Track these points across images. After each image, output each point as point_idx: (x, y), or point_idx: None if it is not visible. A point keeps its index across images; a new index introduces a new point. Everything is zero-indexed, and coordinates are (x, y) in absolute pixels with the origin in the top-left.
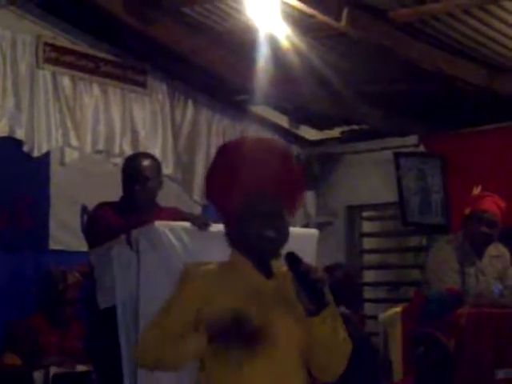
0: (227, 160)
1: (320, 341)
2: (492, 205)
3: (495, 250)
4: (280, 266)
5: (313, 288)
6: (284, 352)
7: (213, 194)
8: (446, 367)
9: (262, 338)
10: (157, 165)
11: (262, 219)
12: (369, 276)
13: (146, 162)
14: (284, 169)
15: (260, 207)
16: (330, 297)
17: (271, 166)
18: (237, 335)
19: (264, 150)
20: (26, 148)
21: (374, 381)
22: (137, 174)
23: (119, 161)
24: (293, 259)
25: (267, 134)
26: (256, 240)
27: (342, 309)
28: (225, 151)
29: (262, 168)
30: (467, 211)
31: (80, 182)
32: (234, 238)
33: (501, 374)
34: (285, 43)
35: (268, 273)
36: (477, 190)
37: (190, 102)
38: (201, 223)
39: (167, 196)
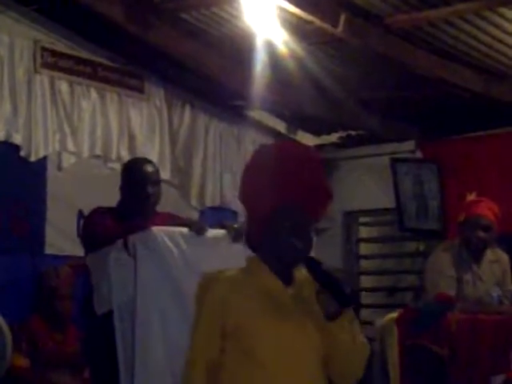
0: (266, 163)
1: (339, 346)
2: (486, 209)
3: (493, 254)
4: (298, 274)
5: (337, 288)
6: (305, 360)
7: (247, 195)
8: (441, 375)
9: (284, 346)
10: (158, 170)
11: (293, 229)
12: (366, 281)
13: (151, 167)
14: (319, 180)
15: (294, 217)
16: (354, 300)
17: (310, 176)
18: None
19: (304, 159)
20: (23, 153)
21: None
22: (147, 177)
23: (116, 166)
24: (313, 263)
25: (265, 140)
26: (285, 249)
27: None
28: (264, 154)
29: (301, 177)
30: (462, 217)
31: (77, 187)
32: (259, 243)
33: (498, 380)
34: (282, 49)
35: (288, 281)
36: (471, 196)
37: (187, 107)
38: (198, 228)
39: (164, 201)
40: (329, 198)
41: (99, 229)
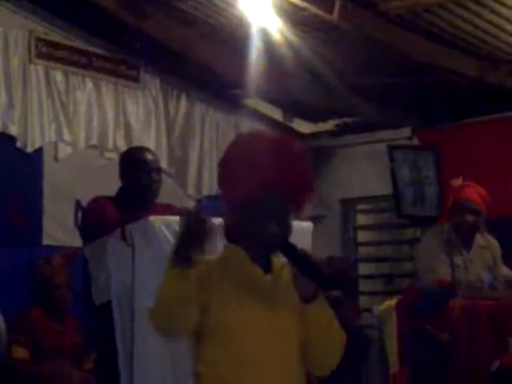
0: (244, 150)
1: (316, 327)
2: (474, 193)
3: (483, 240)
4: (276, 261)
5: (314, 270)
6: (284, 345)
7: (224, 181)
8: (441, 360)
9: (262, 334)
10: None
11: (271, 215)
12: (364, 268)
13: (152, 155)
14: (297, 168)
15: (273, 203)
16: (336, 282)
17: (286, 163)
18: None
19: (281, 147)
20: (19, 144)
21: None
22: (150, 164)
23: (113, 155)
24: (288, 246)
25: (261, 128)
26: (263, 234)
27: (336, 292)
28: (243, 141)
29: (277, 164)
30: (450, 201)
31: (74, 177)
32: (236, 230)
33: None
34: (277, 37)
35: (266, 268)
36: (458, 181)
37: (183, 96)
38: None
39: (161, 190)
40: (308, 187)
41: (99, 218)
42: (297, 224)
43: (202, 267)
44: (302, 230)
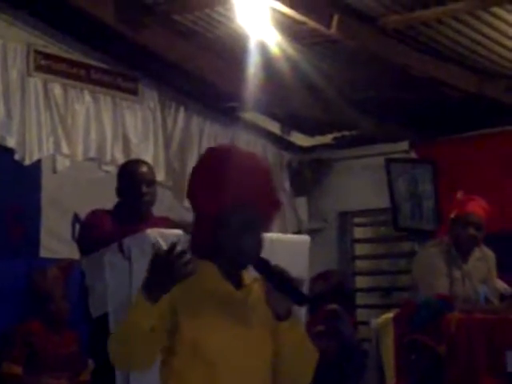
0: (214, 165)
1: (288, 345)
2: (477, 207)
3: (479, 252)
4: (246, 276)
5: (288, 286)
6: (255, 362)
7: (196, 194)
8: (438, 373)
9: (232, 351)
10: (153, 170)
11: (243, 229)
12: (361, 282)
13: (146, 167)
14: (266, 182)
15: (244, 216)
16: (309, 298)
17: (256, 177)
18: None
19: (250, 162)
20: (17, 156)
21: (361, 376)
22: (141, 177)
23: (111, 168)
24: (261, 262)
25: (259, 141)
26: (232, 249)
27: (334, 306)
28: (213, 155)
29: (247, 178)
30: (453, 215)
31: (71, 190)
32: (207, 245)
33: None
34: (275, 50)
35: (237, 284)
36: (460, 194)
37: (181, 109)
38: None
39: (159, 203)
40: (276, 201)
41: (97, 231)
42: (294, 237)
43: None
44: (299, 244)
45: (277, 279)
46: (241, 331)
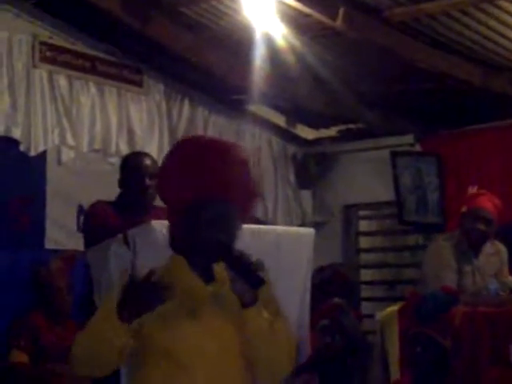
0: (185, 156)
1: (258, 335)
2: (488, 202)
3: (491, 247)
4: (219, 269)
5: (247, 270)
6: (224, 359)
7: (166, 188)
8: (443, 366)
9: (202, 347)
10: (156, 163)
11: (212, 222)
12: (366, 275)
13: (149, 159)
14: (239, 173)
15: (215, 209)
16: (268, 283)
17: (228, 169)
18: None
19: (222, 153)
20: (22, 147)
21: (366, 370)
22: (145, 169)
23: (116, 160)
24: (224, 249)
25: (264, 134)
26: (204, 242)
27: (338, 300)
28: (183, 147)
29: (218, 170)
30: (464, 209)
31: (76, 182)
32: (179, 239)
33: None
34: (281, 42)
35: (209, 278)
36: (473, 189)
37: (186, 101)
38: None
39: None
40: (251, 193)
41: (101, 222)
42: (299, 230)
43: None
44: (304, 236)
45: (236, 264)
46: (209, 326)
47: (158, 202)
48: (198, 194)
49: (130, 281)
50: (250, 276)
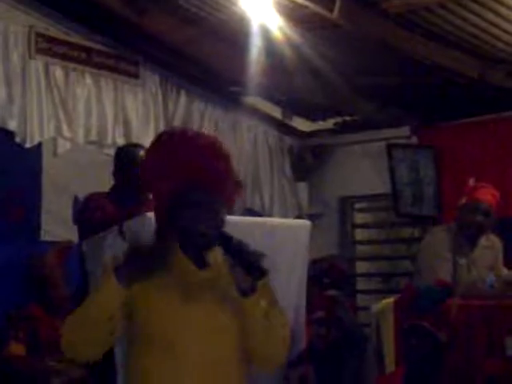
0: (167, 146)
1: (254, 324)
2: (487, 195)
3: (487, 240)
4: (216, 256)
5: (247, 260)
6: (217, 345)
7: (148, 178)
8: (437, 359)
9: (194, 332)
10: None
11: (195, 211)
12: (361, 267)
13: (143, 151)
14: (219, 163)
15: (196, 198)
16: (266, 272)
17: (209, 158)
18: None
19: (203, 143)
20: (18, 139)
21: (362, 362)
22: (139, 161)
23: (112, 152)
24: (224, 238)
25: (260, 126)
26: (188, 232)
27: (334, 292)
28: (166, 138)
29: (200, 160)
30: (463, 201)
31: (72, 173)
32: (166, 228)
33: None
34: (277, 34)
35: (202, 263)
36: (472, 182)
37: (182, 93)
38: None
39: None
40: (232, 182)
41: (98, 214)
42: (295, 222)
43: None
44: (300, 228)
45: (236, 254)
46: (201, 313)
47: None
48: (179, 182)
49: (132, 246)
50: (251, 266)
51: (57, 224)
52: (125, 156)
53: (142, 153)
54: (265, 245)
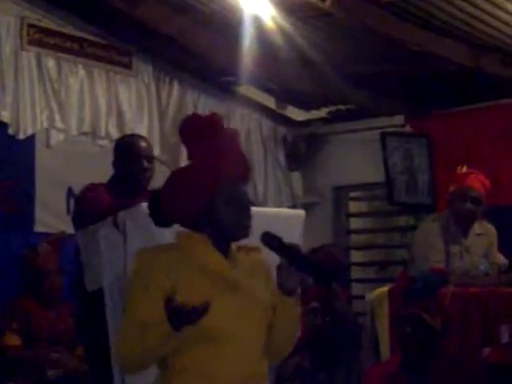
0: (227, 142)
1: (283, 322)
2: (477, 182)
3: (480, 227)
4: (235, 247)
5: (314, 265)
6: (251, 333)
7: (192, 173)
8: (432, 347)
9: (231, 322)
10: (151, 146)
11: (237, 206)
12: (356, 256)
13: (145, 142)
14: (245, 156)
15: (235, 195)
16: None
17: (241, 153)
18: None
19: (234, 138)
20: (10, 130)
21: (357, 352)
22: (143, 152)
23: (105, 142)
24: (273, 239)
25: (253, 115)
26: (230, 224)
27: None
28: (224, 133)
29: (238, 154)
30: (452, 188)
31: (65, 164)
32: (199, 219)
33: (487, 352)
34: (270, 24)
35: (226, 254)
36: (462, 169)
37: (175, 83)
38: None
39: (154, 177)
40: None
41: (94, 205)
42: (289, 211)
43: (164, 259)
44: (294, 218)
45: (293, 257)
46: (237, 303)
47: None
48: (225, 177)
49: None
50: (318, 271)
51: (50, 215)
52: (127, 148)
53: (144, 144)
54: (259, 234)
